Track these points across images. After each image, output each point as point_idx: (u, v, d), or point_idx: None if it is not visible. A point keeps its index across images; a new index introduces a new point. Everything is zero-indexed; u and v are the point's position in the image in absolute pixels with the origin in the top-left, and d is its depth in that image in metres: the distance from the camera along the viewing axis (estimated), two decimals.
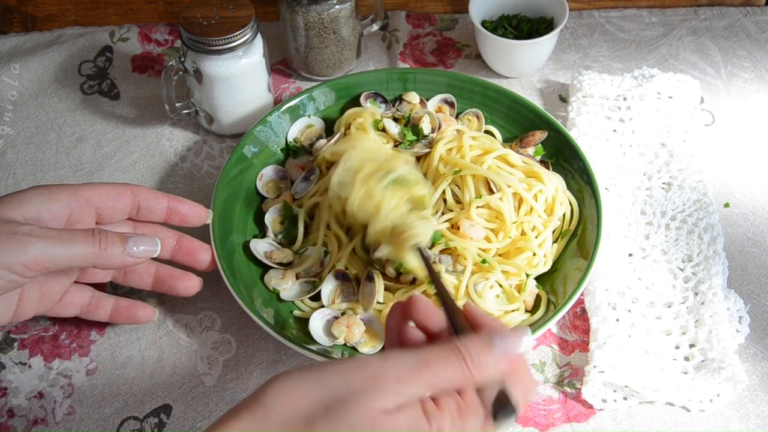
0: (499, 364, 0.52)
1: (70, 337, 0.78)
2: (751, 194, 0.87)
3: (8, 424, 0.72)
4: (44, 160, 0.93)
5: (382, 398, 0.49)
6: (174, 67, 0.87)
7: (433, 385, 0.51)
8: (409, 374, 0.50)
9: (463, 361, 0.51)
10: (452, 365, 0.51)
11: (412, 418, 0.50)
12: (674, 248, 0.81)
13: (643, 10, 1.07)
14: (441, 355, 0.51)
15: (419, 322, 0.58)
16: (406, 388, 0.50)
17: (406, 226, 0.70)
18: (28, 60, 1.01)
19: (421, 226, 0.70)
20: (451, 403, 0.51)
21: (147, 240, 0.68)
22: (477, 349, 0.52)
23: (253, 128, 0.87)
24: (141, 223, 0.75)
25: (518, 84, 0.99)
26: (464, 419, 0.51)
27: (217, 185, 0.82)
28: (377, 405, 0.49)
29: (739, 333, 0.76)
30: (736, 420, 0.71)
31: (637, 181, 0.87)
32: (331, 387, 0.50)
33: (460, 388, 0.52)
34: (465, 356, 0.51)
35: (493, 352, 0.52)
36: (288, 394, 0.49)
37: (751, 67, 1.00)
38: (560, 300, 0.74)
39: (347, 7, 0.93)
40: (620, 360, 0.72)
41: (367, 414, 0.49)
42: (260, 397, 0.50)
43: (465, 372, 0.51)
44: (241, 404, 0.50)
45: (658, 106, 0.91)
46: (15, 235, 0.62)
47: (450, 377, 0.51)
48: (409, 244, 0.69)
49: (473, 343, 0.52)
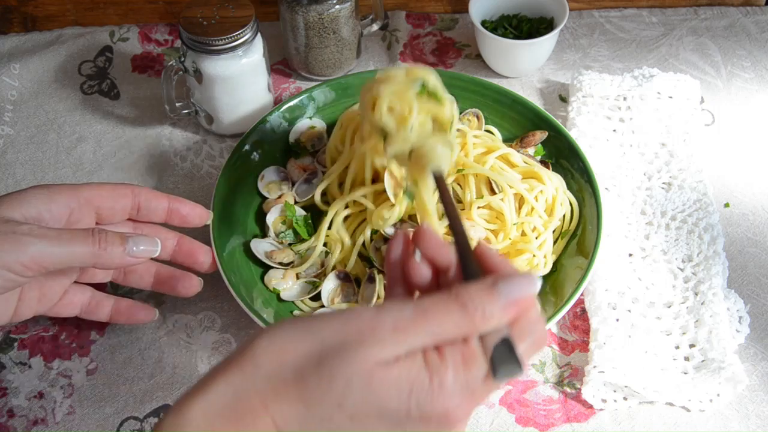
0: (505, 312, 0.48)
1: (70, 337, 0.78)
2: (751, 194, 0.87)
3: (8, 424, 0.72)
4: (44, 160, 0.93)
5: (378, 349, 0.46)
6: (174, 67, 0.87)
7: (434, 334, 0.47)
8: (407, 324, 0.46)
9: (466, 310, 0.47)
10: (453, 314, 0.47)
11: (412, 370, 0.46)
12: (674, 248, 0.81)
13: (643, 10, 1.07)
14: (441, 303, 0.47)
15: (426, 255, 0.53)
16: (404, 338, 0.46)
17: (428, 147, 0.66)
18: (28, 60, 1.01)
19: (442, 149, 0.66)
20: (456, 354, 0.47)
21: (147, 240, 0.68)
22: (480, 295, 0.47)
23: (253, 128, 0.87)
24: (141, 223, 0.75)
25: (518, 84, 0.99)
26: (469, 371, 0.47)
27: (217, 185, 0.82)
28: (374, 357, 0.46)
29: (739, 333, 0.76)
30: (736, 420, 0.71)
31: (637, 181, 0.87)
32: (324, 338, 0.46)
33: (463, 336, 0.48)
34: (467, 304, 0.47)
35: (497, 299, 0.47)
36: (277, 347, 0.47)
37: (751, 67, 1.00)
38: (560, 300, 0.74)
39: (347, 7, 0.93)
40: (620, 360, 0.72)
41: (363, 366, 0.45)
42: (248, 350, 0.47)
43: (467, 321, 0.47)
44: (229, 359, 0.47)
45: (658, 106, 0.91)
46: (14, 235, 0.62)
47: (451, 327, 0.47)
48: (429, 167, 0.65)
49: (476, 289, 0.48)
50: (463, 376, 0.46)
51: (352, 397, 0.45)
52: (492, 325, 0.47)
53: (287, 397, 0.45)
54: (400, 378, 0.46)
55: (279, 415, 0.45)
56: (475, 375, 0.47)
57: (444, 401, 0.46)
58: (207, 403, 0.46)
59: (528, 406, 0.72)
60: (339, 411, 0.45)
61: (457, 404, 0.47)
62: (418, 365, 0.46)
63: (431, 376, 0.46)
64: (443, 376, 0.46)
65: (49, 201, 0.67)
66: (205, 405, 0.46)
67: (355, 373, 0.45)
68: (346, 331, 0.47)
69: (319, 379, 0.45)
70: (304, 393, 0.45)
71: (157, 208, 0.74)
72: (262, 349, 0.47)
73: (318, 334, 0.47)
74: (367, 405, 0.45)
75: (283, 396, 0.45)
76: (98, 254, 0.65)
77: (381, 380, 0.45)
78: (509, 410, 0.72)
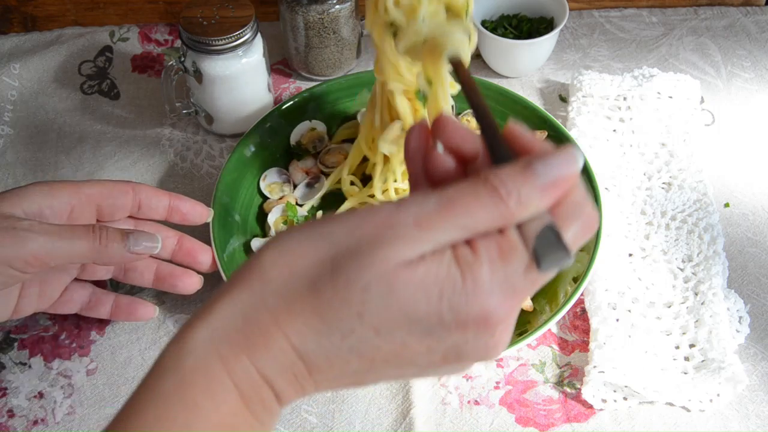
0: (544, 195, 0.41)
1: (70, 337, 0.78)
2: (751, 194, 0.87)
3: (8, 424, 0.72)
4: (44, 160, 0.93)
5: (400, 247, 0.40)
6: (174, 67, 0.87)
7: (463, 226, 0.40)
8: (431, 216, 0.40)
9: (498, 196, 0.40)
10: (484, 202, 0.40)
11: (441, 269, 0.40)
12: (674, 248, 0.81)
13: (643, 10, 1.07)
14: (469, 191, 0.41)
15: (449, 145, 0.46)
16: (429, 234, 0.40)
17: (442, 33, 0.60)
18: (28, 60, 1.01)
19: (459, 34, 0.60)
20: (491, 246, 0.41)
21: (147, 236, 0.68)
22: (514, 179, 0.41)
23: (253, 128, 0.87)
24: (142, 221, 0.75)
25: (518, 84, 0.99)
26: (507, 264, 0.40)
27: (217, 185, 0.82)
28: (394, 257, 0.39)
29: (739, 333, 0.76)
30: (736, 420, 0.71)
31: (637, 181, 0.87)
32: (338, 241, 0.41)
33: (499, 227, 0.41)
34: (499, 189, 0.40)
35: (534, 181, 0.41)
36: (287, 257, 0.41)
37: (751, 67, 1.00)
38: (560, 300, 0.74)
39: (347, 7, 0.93)
40: (620, 360, 0.72)
41: (383, 268, 0.39)
42: (255, 265, 0.42)
43: (501, 208, 0.40)
44: (235, 276, 0.42)
45: (658, 106, 0.91)
46: (15, 231, 0.62)
47: (483, 216, 0.40)
48: (444, 55, 0.58)
49: (509, 172, 0.41)
50: (501, 271, 0.40)
51: (373, 305, 0.40)
52: (530, 210, 0.41)
53: (301, 311, 0.40)
54: (427, 279, 0.40)
55: (294, 332, 0.41)
56: (515, 268, 0.41)
57: (481, 301, 0.40)
58: (212, 328, 0.41)
59: (528, 406, 0.72)
60: (360, 323, 0.40)
61: (497, 303, 0.40)
62: (448, 262, 0.40)
63: (464, 273, 0.40)
64: (478, 273, 0.40)
65: (50, 197, 0.67)
66: (209, 330, 0.41)
67: (373, 277, 0.39)
68: (361, 231, 0.41)
69: (335, 287, 0.40)
70: (320, 305, 0.40)
71: (157, 205, 0.74)
72: (269, 262, 0.41)
73: (330, 238, 0.41)
74: (392, 313, 0.40)
75: (296, 311, 0.40)
76: (99, 250, 0.65)
77: (405, 283, 0.40)
78: (509, 410, 0.72)
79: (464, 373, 0.74)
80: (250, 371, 0.41)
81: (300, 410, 0.72)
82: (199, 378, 0.40)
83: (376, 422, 0.72)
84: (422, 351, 0.41)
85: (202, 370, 0.41)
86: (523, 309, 0.76)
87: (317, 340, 0.40)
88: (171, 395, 0.40)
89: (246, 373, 0.41)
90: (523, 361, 0.75)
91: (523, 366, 0.75)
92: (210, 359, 0.41)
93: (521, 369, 0.75)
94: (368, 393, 0.73)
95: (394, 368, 0.42)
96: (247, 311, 0.41)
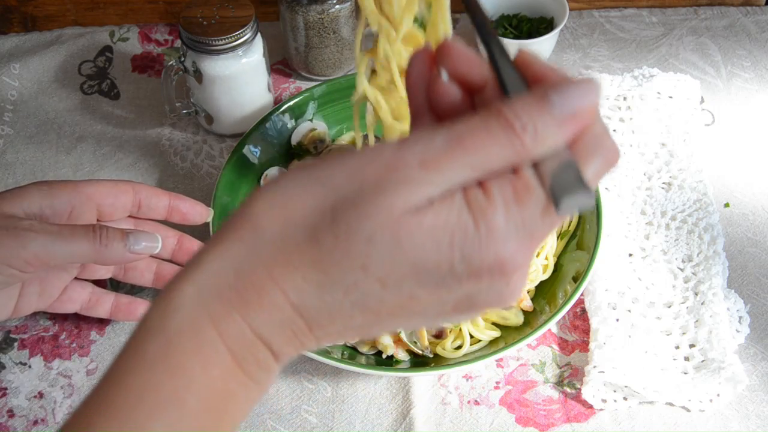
0: (562, 128, 0.37)
1: (70, 337, 0.78)
2: (751, 194, 0.87)
3: (8, 424, 0.72)
4: (44, 160, 0.93)
5: (405, 192, 0.36)
6: (174, 67, 0.87)
7: (474, 166, 0.37)
8: (438, 156, 0.36)
9: (512, 130, 0.37)
10: (496, 137, 0.37)
11: (451, 214, 0.36)
12: (674, 248, 0.81)
13: (643, 10, 1.07)
14: (480, 125, 0.37)
15: (455, 73, 0.41)
16: (437, 175, 0.36)
17: None
18: (28, 60, 1.01)
19: None
20: (505, 187, 0.37)
21: (148, 236, 0.68)
22: (529, 111, 0.37)
23: (253, 128, 0.87)
24: (142, 221, 0.76)
25: None
26: (523, 207, 0.37)
27: (217, 185, 0.82)
28: (400, 202, 0.36)
29: (739, 333, 0.76)
30: (736, 420, 0.71)
31: (637, 181, 0.87)
32: (337, 187, 0.37)
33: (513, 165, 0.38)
34: (513, 122, 0.37)
35: (551, 112, 0.37)
36: (281, 205, 0.37)
37: (751, 67, 1.00)
38: (560, 300, 0.74)
39: (347, 7, 0.93)
40: (620, 360, 0.72)
41: (388, 216, 0.36)
42: (247, 214, 0.38)
43: (515, 144, 0.37)
44: (225, 227, 0.38)
45: (658, 106, 0.91)
46: (15, 230, 0.62)
47: (496, 154, 0.37)
48: None
49: (522, 103, 0.37)
50: (517, 215, 0.37)
51: (378, 256, 0.36)
52: (547, 146, 0.37)
53: (300, 264, 0.37)
54: (435, 225, 0.36)
55: (292, 287, 0.37)
56: (531, 212, 0.37)
57: (496, 248, 0.37)
58: (200, 285, 0.38)
59: (528, 406, 0.72)
60: (365, 275, 0.37)
61: (514, 249, 0.37)
62: (458, 207, 0.37)
63: (476, 218, 0.37)
64: (491, 217, 0.37)
65: (50, 197, 0.67)
66: (197, 287, 0.38)
67: (378, 226, 0.36)
68: (363, 175, 0.37)
69: (336, 237, 0.36)
70: (320, 258, 0.37)
71: (157, 205, 0.74)
72: (262, 211, 0.38)
73: (329, 183, 0.37)
74: (399, 264, 0.37)
75: (294, 263, 0.37)
76: (99, 250, 0.65)
77: (412, 231, 0.36)
78: (509, 410, 0.72)
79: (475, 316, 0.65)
80: (243, 331, 0.38)
81: (300, 410, 0.72)
82: (187, 340, 0.37)
83: (376, 422, 0.72)
84: (432, 302, 0.38)
85: (190, 331, 0.37)
86: (524, 309, 0.76)
87: (318, 295, 0.37)
88: (156, 360, 0.37)
89: (239, 332, 0.38)
90: (523, 361, 0.75)
91: (523, 366, 0.75)
92: (198, 319, 0.37)
93: (521, 369, 0.75)
94: (368, 393, 0.73)
95: (401, 320, 0.40)
96: (238, 265, 0.37)
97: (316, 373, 0.75)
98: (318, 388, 0.74)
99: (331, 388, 0.74)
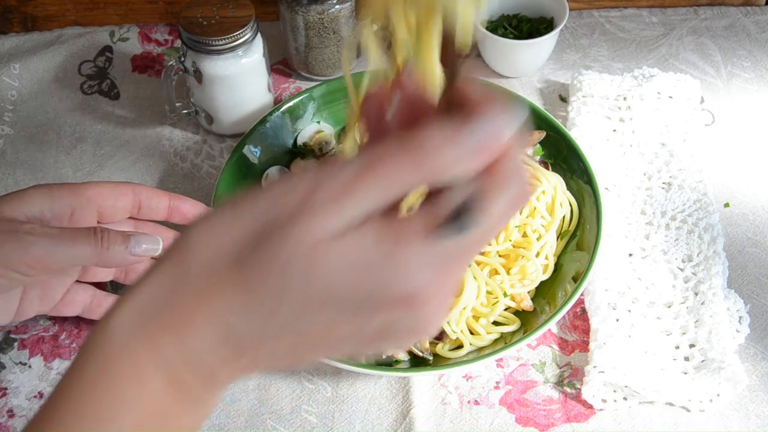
0: (469, 159, 0.38)
1: (70, 337, 0.78)
2: (751, 194, 0.87)
3: (8, 424, 0.72)
4: (44, 160, 0.93)
5: (318, 221, 0.37)
6: (174, 67, 0.87)
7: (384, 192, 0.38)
8: (350, 184, 0.37)
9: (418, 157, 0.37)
10: (404, 164, 0.37)
11: (363, 243, 0.37)
12: (674, 248, 0.81)
13: (643, 10, 1.07)
14: (392, 151, 0.38)
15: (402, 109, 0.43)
16: (347, 204, 0.37)
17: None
18: (28, 60, 1.01)
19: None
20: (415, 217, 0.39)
21: (149, 239, 0.68)
22: (441, 137, 0.38)
23: (253, 128, 0.87)
24: (142, 222, 0.75)
25: (518, 84, 0.99)
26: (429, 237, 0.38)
27: (217, 185, 0.82)
28: (314, 231, 0.37)
29: (739, 333, 0.76)
30: (736, 420, 0.71)
31: (637, 181, 0.87)
32: (260, 215, 0.38)
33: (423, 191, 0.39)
34: (419, 150, 0.37)
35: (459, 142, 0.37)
36: (212, 234, 0.39)
37: (751, 67, 1.00)
38: (560, 300, 0.74)
39: (347, 7, 0.93)
40: (620, 360, 0.72)
41: (302, 244, 0.37)
42: (181, 243, 0.40)
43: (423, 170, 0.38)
44: (161, 256, 0.41)
45: (658, 106, 0.91)
46: (17, 234, 0.62)
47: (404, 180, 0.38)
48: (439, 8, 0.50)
49: (433, 131, 0.38)
50: (422, 245, 0.38)
51: (294, 282, 0.37)
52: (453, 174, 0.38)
53: (227, 288, 0.38)
54: (347, 254, 0.37)
55: (220, 310, 0.38)
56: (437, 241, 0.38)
57: (405, 279, 0.38)
58: (134, 309, 0.39)
59: (528, 406, 0.72)
60: (283, 301, 0.38)
61: (423, 280, 0.38)
62: (371, 236, 0.37)
63: (386, 249, 0.37)
64: (399, 248, 0.37)
65: (50, 200, 0.67)
66: (132, 311, 0.39)
67: (293, 254, 0.37)
68: (284, 202, 0.38)
69: (257, 264, 0.38)
70: (243, 283, 0.38)
71: (158, 206, 0.74)
72: (193, 241, 0.39)
73: (253, 212, 0.39)
74: (315, 291, 0.38)
75: (221, 289, 0.38)
76: (100, 253, 0.65)
77: (326, 259, 0.37)
78: (509, 410, 0.72)
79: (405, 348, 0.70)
80: (175, 352, 0.39)
81: (300, 410, 0.72)
82: (122, 361, 0.39)
83: (376, 422, 0.72)
84: (352, 330, 0.39)
85: (125, 353, 0.39)
86: (524, 309, 0.76)
87: (245, 319, 0.38)
88: (94, 380, 0.39)
89: (172, 353, 0.39)
90: (523, 361, 0.75)
91: (523, 366, 0.75)
92: (133, 341, 0.39)
93: (521, 369, 0.75)
94: (368, 393, 0.73)
95: (327, 346, 0.41)
96: (170, 290, 0.39)
97: (316, 373, 0.75)
98: (318, 388, 0.74)
99: (331, 388, 0.74)
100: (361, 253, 0.37)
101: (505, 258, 0.78)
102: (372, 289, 0.38)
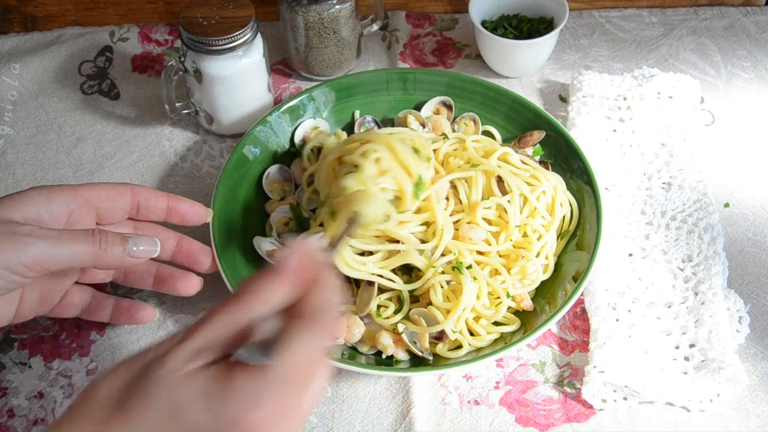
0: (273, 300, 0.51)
1: (70, 337, 0.78)
2: (751, 194, 0.87)
3: (8, 424, 0.72)
4: (44, 160, 0.93)
5: (171, 361, 0.49)
6: (174, 67, 0.87)
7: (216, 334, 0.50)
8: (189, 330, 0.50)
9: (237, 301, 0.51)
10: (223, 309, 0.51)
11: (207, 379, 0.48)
12: (674, 248, 0.81)
13: (643, 10, 1.07)
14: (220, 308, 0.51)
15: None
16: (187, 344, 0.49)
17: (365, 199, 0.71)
18: (28, 60, 1.01)
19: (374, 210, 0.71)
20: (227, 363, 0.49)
21: (147, 240, 0.68)
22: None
23: (253, 128, 0.87)
24: (141, 223, 0.75)
25: (518, 84, 0.99)
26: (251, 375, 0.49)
27: (217, 185, 0.82)
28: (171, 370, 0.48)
29: (739, 333, 0.76)
30: (736, 420, 0.71)
31: (637, 181, 0.87)
32: (137, 365, 0.50)
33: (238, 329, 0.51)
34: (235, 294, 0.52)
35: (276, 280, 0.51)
36: (109, 379, 0.50)
37: (751, 67, 1.00)
38: (560, 300, 0.74)
39: (347, 7, 0.93)
40: (620, 360, 0.72)
41: (163, 382, 0.48)
42: (89, 386, 0.51)
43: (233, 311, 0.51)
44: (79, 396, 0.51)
45: (658, 106, 0.91)
46: (15, 236, 0.62)
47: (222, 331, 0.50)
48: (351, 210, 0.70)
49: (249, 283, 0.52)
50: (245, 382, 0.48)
51: (160, 413, 0.48)
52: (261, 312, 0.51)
53: (115, 422, 0.48)
54: (195, 387, 0.48)
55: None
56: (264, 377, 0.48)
57: (229, 409, 0.47)
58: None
59: (528, 406, 0.72)
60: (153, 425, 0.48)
61: (241, 411, 0.47)
62: (210, 373, 0.48)
63: (213, 383, 0.48)
64: (223, 383, 0.48)
65: (48, 202, 0.67)
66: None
67: (157, 390, 0.48)
68: (152, 354, 0.50)
69: (134, 402, 0.48)
70: (127, 417, 0.48)
71: (156, 207, 0.74)
72: (99, 382, 0.50)
73: (136, 362, 0.50)
74: (174, 418, 0.48)
75: (112, 422, 0.48)
76: (99, 254, 0.65)
77: (183, 392, 0.48)
78: (509, 410, 0.72)
79: None
80: None
81: None
82: None
83: (376, 422, 0.72)
84: None
85: None
86: (524, 309, 0.76)
87: None
88: None
89: None
90: (523, 361, 0.75)
91: (523, 366, 0.75)
92: None
93: (521, 369, 0.75)
94: (368, 393, 0.73)
95: None
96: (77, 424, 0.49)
97: None
98: None
99: (331, 388, 0.74)
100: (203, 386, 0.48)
101: (506, 258, 0.78)
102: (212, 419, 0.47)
